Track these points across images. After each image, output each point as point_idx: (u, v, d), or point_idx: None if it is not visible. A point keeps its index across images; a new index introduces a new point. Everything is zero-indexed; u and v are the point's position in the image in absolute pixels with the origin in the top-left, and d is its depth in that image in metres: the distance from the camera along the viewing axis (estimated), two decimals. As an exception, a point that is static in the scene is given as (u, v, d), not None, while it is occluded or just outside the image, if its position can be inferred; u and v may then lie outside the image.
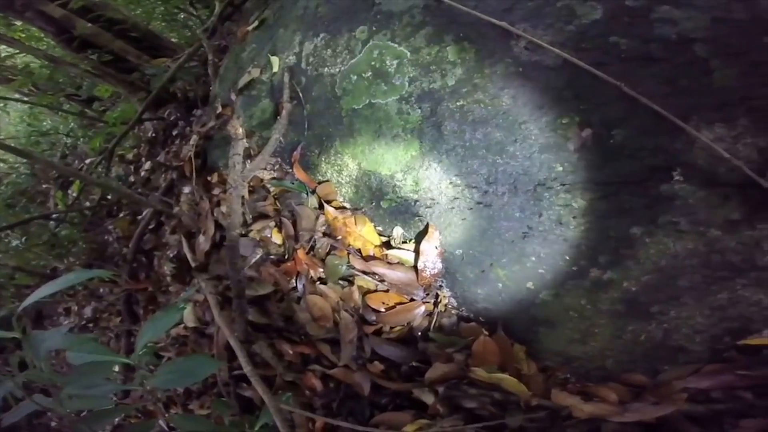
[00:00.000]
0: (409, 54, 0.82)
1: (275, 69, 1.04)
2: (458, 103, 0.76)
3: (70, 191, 1.71)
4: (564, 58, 0.69)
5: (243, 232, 1.04)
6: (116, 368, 1.23)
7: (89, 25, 1.77)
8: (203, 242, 1.10)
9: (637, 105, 0.64)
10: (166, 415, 1.00)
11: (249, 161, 1.02)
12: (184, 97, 1.74)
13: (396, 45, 0.84)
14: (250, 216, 1.03)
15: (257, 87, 1.07)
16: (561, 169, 0.70)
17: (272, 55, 1.07)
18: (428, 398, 0.82)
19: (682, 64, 0.64)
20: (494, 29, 0.75)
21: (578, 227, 0.71)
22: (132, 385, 0.67)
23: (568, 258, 0.73)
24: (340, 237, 0.92)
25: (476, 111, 0.75)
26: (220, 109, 1.14)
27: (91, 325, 1.53)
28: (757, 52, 0.62)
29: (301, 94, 0.96)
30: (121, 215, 1.63)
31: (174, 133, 1.76)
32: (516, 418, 0.79)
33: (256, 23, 1.25)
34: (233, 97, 1.12)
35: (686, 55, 0.64)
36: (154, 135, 1.88)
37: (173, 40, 2.81)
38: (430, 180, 0.82)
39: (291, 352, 0.95)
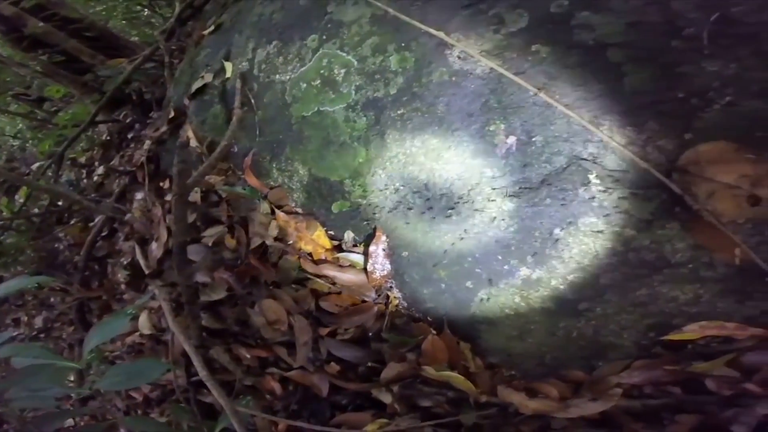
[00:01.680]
0: (356, 63, 0.90)
1: (228, 74, 1.11)
2: (399, 112, 0.84)
3: (16, 197, 1.72)
4: (491, 67, 0.77)
5: (196, 238, 1.09)
6: (71, 377, 1.27)
7: (41, 24, 1.79)
8: (156, 249, 1.15)
9: (555, 111, 0.73)
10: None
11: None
12: (140, 99, 1.78)
13: (344, 54, 0.91)
14: (203, 222, 1.09)
15: (210, 92, 1.13)
16: (491, 173, 0.79)
17: (226, 60, 1.14)
18: (386, 398, 0.89)
19: (597, 69, 0.73)
20: (432, 39, 0.84)
21: (508, 229, 0.79)
22: (81, 389, 0.72)
23: (500, 258, 0.81)
24: (291, 241, 0.99)
25: (415, 119, 0.83)
26: (172, 114, 1.19)
27: (42, 335, 1.55)
28: (666, 56, 0.72)
29: (253, 101, 1.03)
30: (72, 222, 1.65)
31: (130, 136, 1.79)
32: (470, 416, 0.87)
33: (212, 27, 1.31)
34: (186, 101, 1.17)
35: (601, 61, 0.73)
36: (108, 138, 1.90)
37: (135, 39, 2.83)
38: (376, 185, 0.90)
39: (248, 356, 1.00)
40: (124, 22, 2.83)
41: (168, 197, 1.16)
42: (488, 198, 0.80)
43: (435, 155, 0.82)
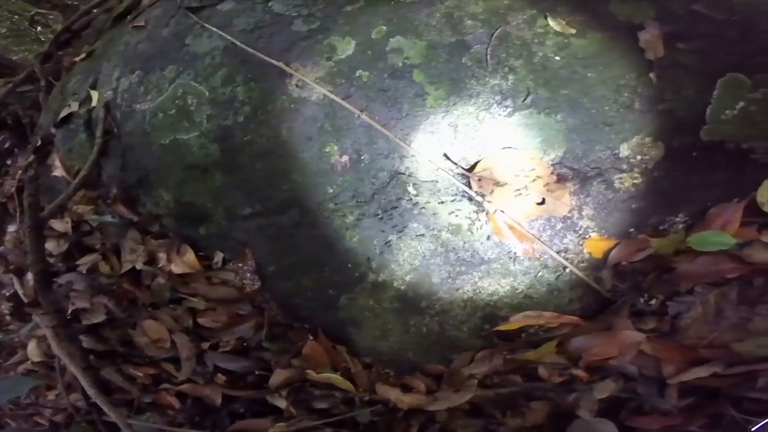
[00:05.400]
0: (207, 93, 1.05)
1: (95, 103, 1.23)
2: (246, 138, 1.00)
3: None
4: (324, 93, 0.95)
5: (71, 266, 1.20)
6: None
7: None
8: (32, 279, 1.25)
9: (376, 131, 0.92)
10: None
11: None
12: (18, 123, 1.83)
13: (197, 84, 1.06)
14: (77, 250, 1.20)
15: (76, 120, 1.25)
16: (332, 191, 0.96)
17: (93, 89, 1.26)
18: (281, 403, 1.04)
19: (405, 89, 0.92)
20: (275, 69, 1.00)
21: (352, 239, 0.96)
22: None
23: (350, 265, 0.98)
24: (161, 264, 1.12)
25: (262, 144, 0.99)
26: (39, 142, 1.30)
27: None
28: (455, 72, 0.91)
29: (116, 130, 1.15)
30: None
31: (9, 162, 1.84)
32: (365, 414, 1.03)
33: (83, 54, 1.42)
34: (53, 129, 1.29)
35: (407, 82, 0.92)
36: (-15, 166, 1.93)
37: (22, 56, 2.84)
38: (237, 207, 1.05)
39: (140, 374, 1.13)
40: (9, 40, 2.84)
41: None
42: (333, 212, 0.97)
43: (283, 176, 0.98)
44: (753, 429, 0.78)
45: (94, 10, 1.77)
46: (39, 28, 2.88)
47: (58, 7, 2.62)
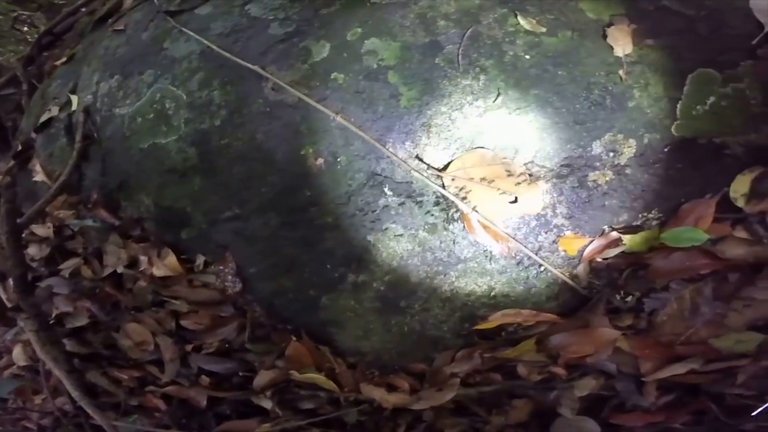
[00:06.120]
0: (185, 97, 1.07)
1: (74, 107, 1.25)
2: (223, 142, 1.02)
3: None
4: (299, 96, 0.97)
5: (54, 271, 1.23)
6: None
7: None
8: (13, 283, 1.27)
9: (352, 133, 0.94)
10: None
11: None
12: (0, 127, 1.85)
13: (175, 88, 1.08)
14: (59, 255, 1.22)
15: (56, 125, 1.27)
16: (309, 193, 0.98)
17: (73, 93, 1.28)
18: (266, 403, 1.06)
19: (380, 91, 0.94)
20: (251, 72, 1.02)
21: (330, 240, 0.98)
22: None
23: (330, 266, 1.01)
24: (143, 268, 1.14)
25: (238, 147, 1.01)
26: (20, 147, 1.32)
27: None
28: (429, 73, 0.93)
29: (96, 134, 1.17)
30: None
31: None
32: (351, 414, 1.05)
33: (65, 58, 1.44)
34: (33, 134, 1.31)
35: (382, 83, 0.94)
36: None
37: (6, 57, 2.86)
38: (216, 210, 1.07)
39: (125, 376, 1.15)
40: (-7, 41, 2.86)
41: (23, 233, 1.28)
42: (312, 213, 0.99)
43: (260, 180, 1.00)
44: (755, 413, 0.79)
45: (81, 10, 1.79)
46: (25, 28, 2.90)
47: (43, 7, 2.64)
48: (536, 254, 0.90)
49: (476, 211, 0.90)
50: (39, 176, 1.21)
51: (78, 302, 1.19)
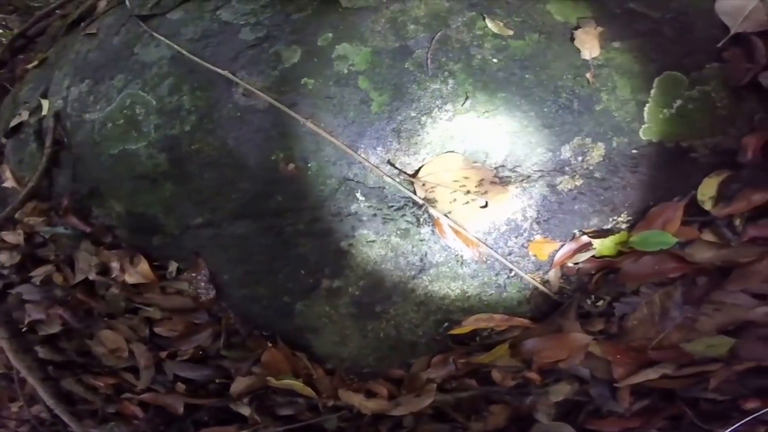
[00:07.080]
0: (155, 102, 1.07)
1: (45, 112, 1.25)
2: (193, 147, 1.02)
3: None
4: (269, 101, 0.98)
5: (25, 278, 1.23)
6: None
7: None
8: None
9: (323, 138, 0.95)
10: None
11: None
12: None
13: (145, 94, 1.09)
14: (31, 262, 1.23)
15: (26, 130, 1.27)
16: (281, 198, 0.99)
17: (44, 98, 1.28)
18: (244, 410, 1.07)
19: (350, 96, 0.95)
20: (221, 78, 1.03)
21: (305, 246, 0.99)
22: None
23: (304, 272, 1.01)
24: (114, 275, 1.14)
25: (209, 153, 1.02)
26: (-12, 153, 1.32)
27: None
28: (398, 78, 0.94)
29: (66, 140, 1.18)
30: None
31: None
32: (331, 420, 1.06)
33: (36, 62, 1.44)
34: (3, 140, 1.31)
35: (352, 89, 0.95)
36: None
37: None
38: (188, 216, 1.07)
39: (101, 384, 1.16)
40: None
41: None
42: (285, 219, 1.00)
43: (232, 186, 1.01)
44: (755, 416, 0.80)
45: (55, 13, 1.79)
46: (0, 31, 2.89)
47: (19, 10, 2.63)
48: (507, 259, 0.91)
49: (447, 216, 0.91)
50: (9, 182, 1.21)
51: (50, 309, 1.19)
